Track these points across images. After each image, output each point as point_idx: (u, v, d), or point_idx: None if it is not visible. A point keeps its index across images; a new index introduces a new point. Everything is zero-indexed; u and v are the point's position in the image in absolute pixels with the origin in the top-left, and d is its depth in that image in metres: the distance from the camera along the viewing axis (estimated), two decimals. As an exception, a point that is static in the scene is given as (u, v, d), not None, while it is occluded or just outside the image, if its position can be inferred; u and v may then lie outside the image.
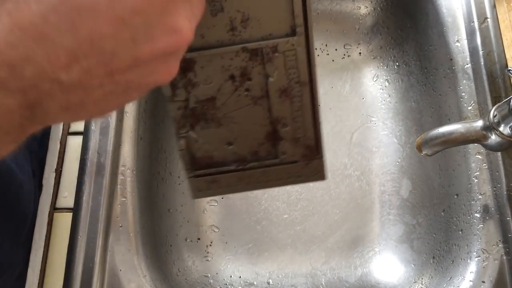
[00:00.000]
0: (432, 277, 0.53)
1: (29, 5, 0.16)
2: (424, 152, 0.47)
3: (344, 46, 0.70)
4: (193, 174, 0.31)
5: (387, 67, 0.68)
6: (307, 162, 0.32)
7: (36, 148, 0.51)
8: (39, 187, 0.49)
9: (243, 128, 0.30)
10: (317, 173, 0.32)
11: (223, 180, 0.31)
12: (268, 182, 0.32)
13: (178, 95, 0.28)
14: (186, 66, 0.27)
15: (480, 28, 0.55)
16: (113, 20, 0.17)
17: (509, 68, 0.52)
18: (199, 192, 0.32)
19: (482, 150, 0.51)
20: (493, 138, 0.43)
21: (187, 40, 0.19)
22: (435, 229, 0.56)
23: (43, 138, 0.51)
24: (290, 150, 0.31)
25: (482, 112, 0.52)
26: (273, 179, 0.32)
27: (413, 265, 0.57)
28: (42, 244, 0.47)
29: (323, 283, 0.57)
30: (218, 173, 0.31)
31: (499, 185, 0.49)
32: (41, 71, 0.17)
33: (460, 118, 0.53)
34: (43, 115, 0.18)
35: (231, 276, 0.58)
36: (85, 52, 0.17)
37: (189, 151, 0.30)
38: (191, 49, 0.26)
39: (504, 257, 0.47)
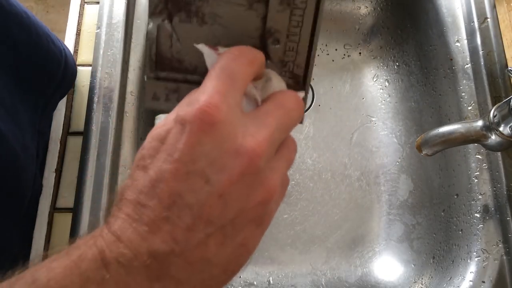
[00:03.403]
0: (432, 277, 0.53)
1: (134, 196, 0.20)
2: (424, 152, 0.47)
3: (344, 46, 0.70)
4: (154, 74, 0.26)
5: (387, 67, 0.68)
6: None
7: (46, 128, 0.50)
8: (40, 173, 0.48)
9: (228, 34, 0.25)
10: None
11: (186, 92, 0.24)
12: None
13: None
14: None
15: (480, 28, 0.55)
16: (180, 176, 0.19)
17: (509, 68, 0.52)
18: (155, 101, 0.26)
19: (482, 150, 0.51)
20: (493, 138, 0.43)
21: (259, 154, 0.19)
22: (435, 229, 0.56)
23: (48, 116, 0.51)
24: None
25: (482, 112, 0.52)
26: None
27: (413, 265, 0.57)
28: (42, 244, 0.47)
29: (323, 283, 0.57)
30: (184, 82, 0.26)
31: (499, 185, 0.49)
32: (149, 243, 0.19)
33: (460, 118, 0.53)
34: (175, 284, 0.19)
35: (231, 276, 0.58)
36: (176, 213, 0.19)
37: (158, 45, 0.25)
38: None
39: (504, 257, 0.47)
